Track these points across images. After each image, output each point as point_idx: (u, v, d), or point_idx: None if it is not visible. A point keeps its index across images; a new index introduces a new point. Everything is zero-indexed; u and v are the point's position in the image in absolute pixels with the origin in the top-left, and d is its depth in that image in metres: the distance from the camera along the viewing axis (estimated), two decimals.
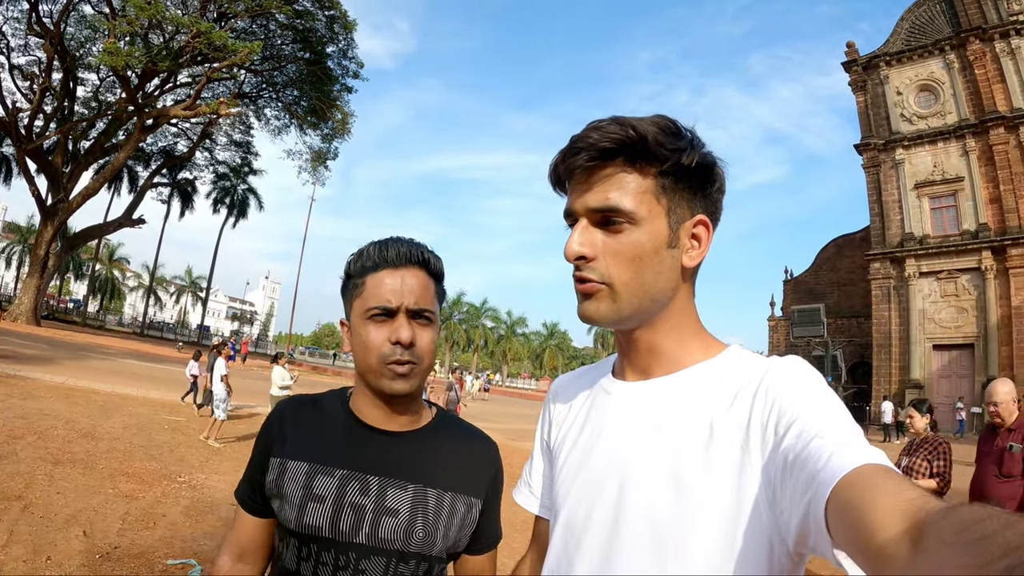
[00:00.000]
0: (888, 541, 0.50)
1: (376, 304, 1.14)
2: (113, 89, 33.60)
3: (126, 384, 13.50)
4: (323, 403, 1.25)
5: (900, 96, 33.06)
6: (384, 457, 1.18)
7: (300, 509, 1.11)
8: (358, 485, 1.14)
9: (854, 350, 35.05)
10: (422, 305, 1.16)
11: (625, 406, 0.91)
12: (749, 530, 0.75)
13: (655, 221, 0.85)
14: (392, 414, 1.21)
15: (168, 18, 25.13)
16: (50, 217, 30.36)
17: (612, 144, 0.83)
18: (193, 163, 41.45)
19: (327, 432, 1.20)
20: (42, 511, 5.00)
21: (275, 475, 1.16)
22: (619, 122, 0.84)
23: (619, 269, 0.85)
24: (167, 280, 77.74)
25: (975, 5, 30.83)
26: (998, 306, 28.27)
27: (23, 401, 9.29)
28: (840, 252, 38.79)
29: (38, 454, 6.62)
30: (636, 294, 0.85)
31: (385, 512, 1.13)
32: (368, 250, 1.19)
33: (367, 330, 1.14)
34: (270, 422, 1.24)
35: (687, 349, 0.90)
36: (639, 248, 0.84)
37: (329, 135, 35.29)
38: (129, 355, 23.98)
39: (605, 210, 0.84)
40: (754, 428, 0.78)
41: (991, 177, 29.42)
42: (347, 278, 1.22)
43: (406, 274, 1.16)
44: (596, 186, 0.85)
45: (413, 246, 1.19)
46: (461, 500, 1.22)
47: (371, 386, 1.17)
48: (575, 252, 0.85)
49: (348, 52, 33.58)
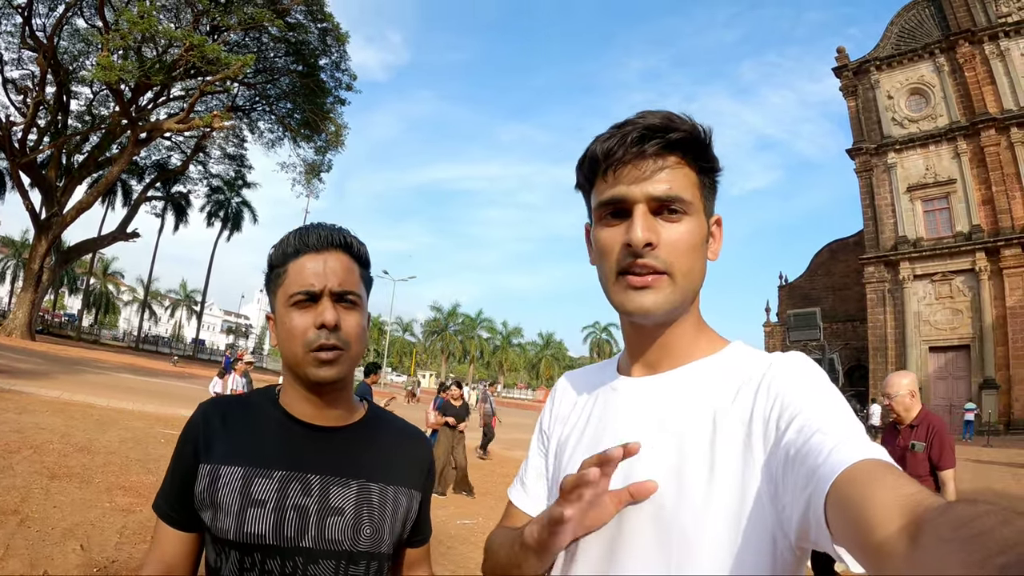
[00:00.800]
0: (886, 537, 0.51)
1: (299, 289, 1.10)
2: (107, 103, 33.61)
3: (121, 398, 13.42)
4: (250, 402, 1.19)
5: (891, 100, 33.33)
6: (323, 454, 1.13)
7: (239, 517, 1.05)
8: (299, 486, 1.08)
9: (850, 354, 35.12)
10: (346, 287, 1.13)
11: (630, 402, 0.91)
12: (752, 525, 0.74)
13: (700, 215, 0.87)
14: (324, 407, 1.16)
15: (161, 32, 25.19)
16: (44, 231, 30.28)
17: (681, 135, 0.84)
18: (187, 176, 41.54)
19: (260, 432, 1.13)
20: (39, 525, 4.94)
21: (206, 483, 1.08)
22: (680, 116, 0.86)
23: (678, 257, 0.85)
24: (162, 294, 77.56)
25: (964, 8, 31.17)
26: (993, 307, 28.44)
27: (18, 415, 9.22)
28: (834, 257, 38.94)
29: (34, 468, 6.56)
30: (690, 284, 0.87)
31: (330, 512, 1.09)
32: (289, 237, 1.16)
33: (290, 317, 1.10)
34: (193, 427, 1.14)
35: (696, 343, 0.91)
36: (695, 238, 0.86)
37: (323, 147, 35.41)
38: (124, 369, 23.88)
39: (670, 199, 0.84)
40: (756, 423, 0.78)
41: (983, 179, 29.66)
42: (270, 270, 1.17)
43: (328, 257, 1.13)
44: (659, 174, 0.84)
45: (335, 230, 1.16)
46: (403, 493, 1.20)
47: (299, 377, 1.13)
48: (644, 239, 0.83)
49: (341, 64, 33.77)
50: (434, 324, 70.68)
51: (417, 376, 55.27)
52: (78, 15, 29.88)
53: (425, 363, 76.22)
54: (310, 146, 35.56)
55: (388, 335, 61.88)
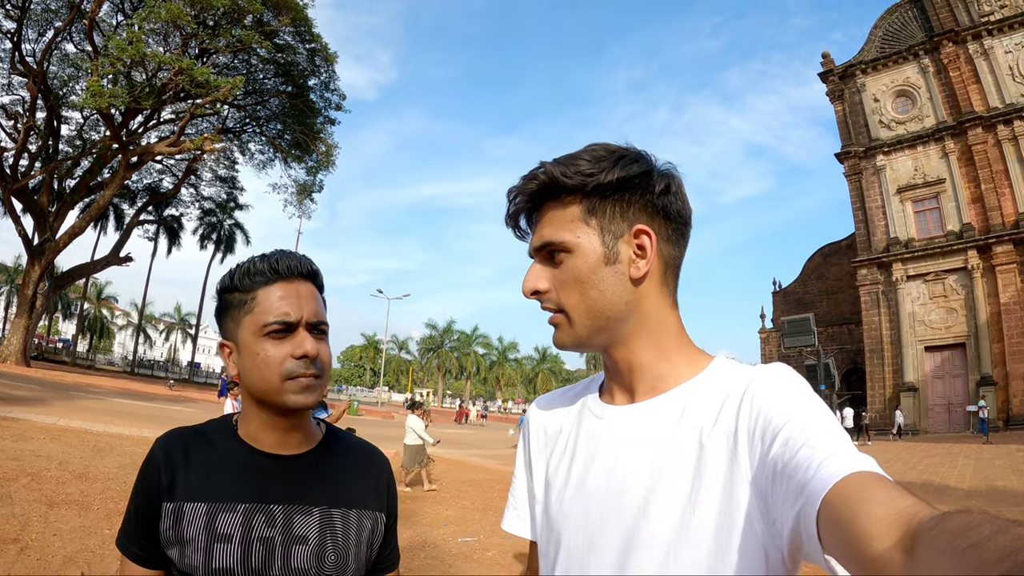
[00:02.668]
0: (881, 550, 0.50)
1: (274, 319, 1.09)
2: (97, 127, 33.59)
3: (119, 424, 13.31)
4: (208, 435, 1.17)
5: (877, 103, 33.64)
6: (285, 484, 1.13)
7: (206, 553, 1.05)
8: (263, 518, 1.09)
9: (846, 357, 35.20)
10: (319, 317, 1.14)
11: (616, 431, 0.91)
12: (745, 543, 0.75)
13: (588, 243, 0.88)
14: (288, 434, 1.16)
15: (150, 56, 25.21)
16: (37, 257, 30.15)
17: (528, 198, 0.92)
18: (179, 199, 41.35)
19: (221, 466, 1.12)
20: (39, 553, 4.90)
21: (171, 522, 1.07)
22: (526, 176, 0.92)
23: (566, 295, 0.89)
24: (156, 317, 77.13)
25: (946, 8, 31.55)
26: (987, 304, 28.57)
27: (15, 443, 9.13)
28: (827, 261, 39.15)
29: (32, 496, 6.50)
30: (587, 315, 0.89)
31: (295, 541, 1.09)
32: (255, 263, 1.14)
33: (264, 348, 1.09)
34: (153, 464, 1.12)
35: (672, 363, 0.91)
36: (576, 271, 0.88)
37: (314, 168, 35.29)
38: (120, 394, 23.72)
39: (542, 247, 0.91)
40: (741, 438, 0.78)
41: (972, 177, 29.90)
42: (227, 295, 1.16)
43: (299, 286, 1.14)
44: (536, 230, 0.93)
45: (301, 259, 1.17)
46: (367, 515, 1.20)
47: (270, 406, 1.12)
48: (529, 287, 0.92)
49: (330, 84, 33.78)
50: (430, 341, 70.58)
51: (416, 394, 54.99)
52: (67, 40, 29.90)
53: (422, 381, 75.98)
54: (301, 167, 35.47)
55: (384, 354, 61.70)
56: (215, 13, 26.89)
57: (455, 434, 28.35)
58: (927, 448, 21.35)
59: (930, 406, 29.44)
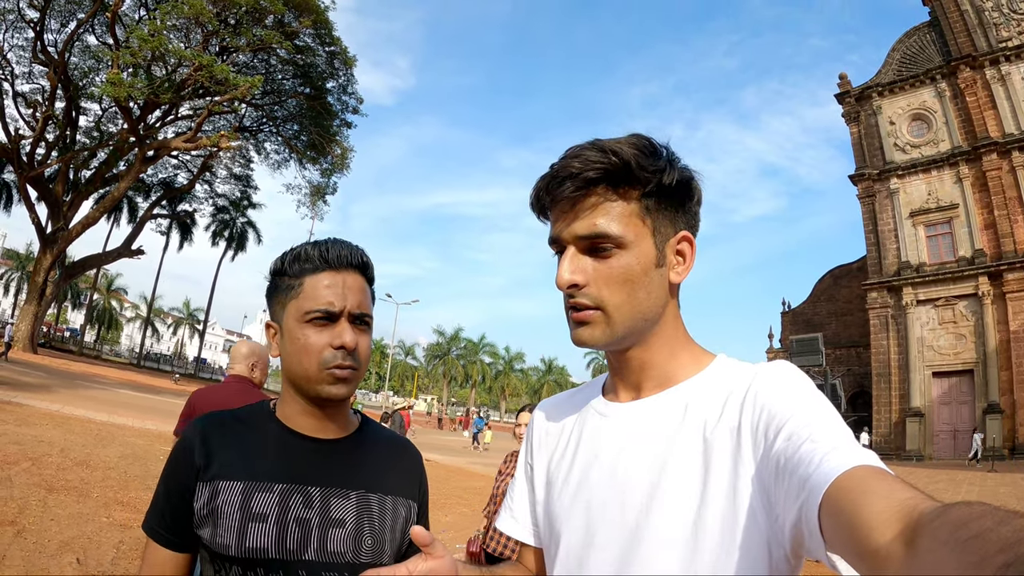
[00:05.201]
0: (883, 543, 0.50)
1: (317, 307, 1.09)
2: (115, 120, 33.95)
3: (122, 414, 13.38)
4: (245, 418, 1.17)
5: (893, 126, 33.49)
6: (322, 466, 1.13)
7: (240, 532, 1.03)
8: (300, 498, 1.08)
9: (853, 380, 34.92)
10: (363, 309, 1.14)
11: (620, 427, 0.91)
12: (749, 537, 0.75)
13: (642, 243, 0.86)
14: (325, 421, 1.16)
15: (171, 51, 25.51)
16: (49, 245, 30.40)
17: (596, 173, 0.84)
18: (193, 195, 41.60)
19: (258, 446, 1.12)
20: (35, 537, 4.91)
21: (205, 500, 1.06)
22: (600, 148, 0.85)
23: (611, 293, 0.85)
24: (165, 312, 77.50)
25: (964, 33, 31.40)
26: (996, 331, 28.25)
27: (18, 427, 9.19)
28: (837, 283, 38.88)
29: (32, 480, 6.53)
30: (630, 316, 0.86)
31: (332, 524, 1.09)
32: (306, 250, 1.15)
33: (305, 334, 1.10)
34: (188, 445, 1.11)
35: (678, 362, 0.91)
36: (629, 271, 0.85)
37: (328, 170, 35.54)
38: (125, 385, 23.83)
39: (593, 237, 0.85)
40: (744, 433, 0.79)
41: (985, 203, 29.65)
42: (277, 277, 1.16)
43: (347, 277, 1.14)
44: (583, 214, 0.86)
45: (352, 248, 1.17)
46: (401, 503, 1.19)
47: (306, 393, 1.12)
48: (567, 280, 0.86)
49: (348, 88, 34.08)
50: (436, 348, 70.47)
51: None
52: (89, 32, 30.27)
53: (427, 387, 75.83)
54: (316, 168, 35.74)
55: (391, 358, 61.72)
56: (237, 11, 27.21)
57: (453, 440, 28.22)
58: (931, 474, 21.14)
59: (936, 432, 29.13)
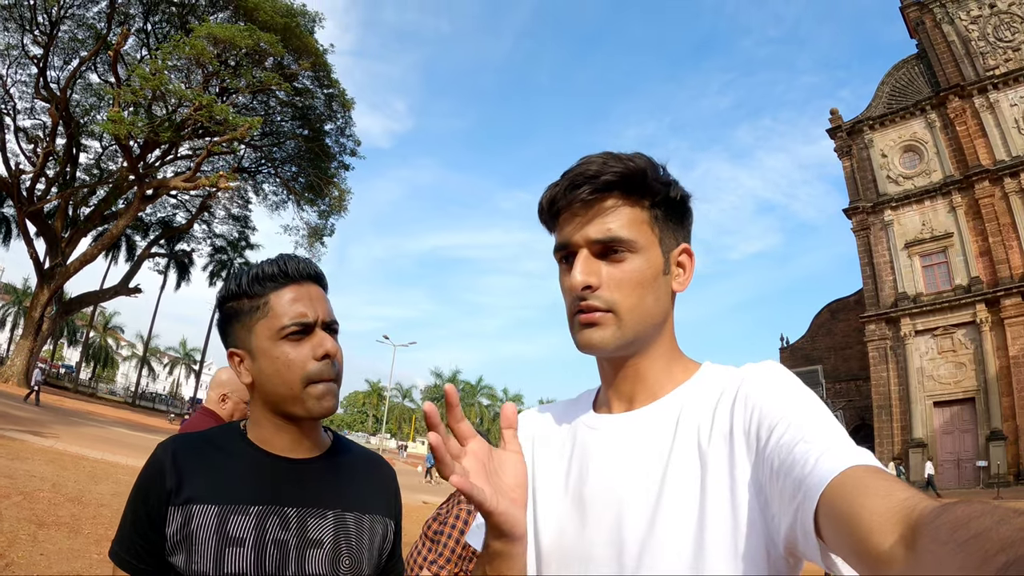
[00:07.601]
0: (883, 544, 0.50)
1: (292, 321, 1.08)
2: (115, 157, 34.19)
3: (116, 452, 13.20)
4: (215, 440, 1.14)
5: (885, 158, 33.89)
6: (298, 487, 1.11)
7: (217, 558, 1.01)
8: (277, 520, 1.06)
9: (854, 412, 34.71)
10: (333, 316, 1.14)
11: (612, 440, 0.91)
12: (749, 543, 0.74)
13: (652, 249, 0.88)
14: (300, 440, 1.14)
15: (171, 90, 25.86)
16: (47, 281, 30.35)
17: (614, 177, 0.86)
18: (191, 235, 41.65)
19: (232, 469, 1.09)
20: (24, 571, 4.82)
21: (179, 525, 1.03)
22: (615, 156, 0.87)
23: (623, 296, 0.86)
24: (161, 351, 77.03)
25: (952, 64, 31.97)
26: (996, 358, 28.15)
27: (10, 462, 9.07)
28: (835, 317, 39.00)
29: (23, 515, 6.43)
30: (640, 319, 0.87)
31: (309, 544, 1.07)
32: (263, 268, 1.13)
33: (284, 351, 1.08)
34: (157, 468, 1.07)
35: (670, 372, 0.92)
36: (641, 275, 0.87)
37: (326, 211, 35.59)
38: (120, 424, 23.56)
39: (608, 240, 0.87)
40: (737, 436, 0.78)
41: (979, 231, 29.83)
42: (235, 301, 1.13)
43: (309, 288, 1.13)
44: (597, 218, 0.87)
45: (306, 260, 1.16)
46: (379, 521, 1.18)
47: (288, 413, 1.10)
48: (582, 281, 0.86)
49: (346, 130, 34.44)
50: (434, 390, 69.99)
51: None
52: (92, 69, 30.75)
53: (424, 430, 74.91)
54: (314, 210, 35.76)
55: (388, 401, 61.35)
56: (237, 53, 27.65)
57: None
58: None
59: (939, 462, 28.83)
